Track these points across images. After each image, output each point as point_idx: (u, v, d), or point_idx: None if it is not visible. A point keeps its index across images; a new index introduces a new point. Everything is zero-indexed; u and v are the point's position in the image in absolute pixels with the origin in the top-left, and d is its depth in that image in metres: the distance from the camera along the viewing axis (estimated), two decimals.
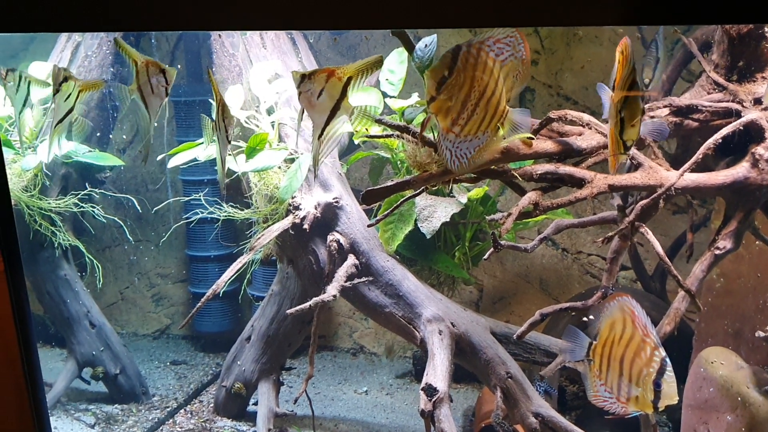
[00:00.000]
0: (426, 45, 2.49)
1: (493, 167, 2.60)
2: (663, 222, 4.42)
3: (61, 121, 2.75)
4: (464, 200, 3.68)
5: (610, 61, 4.26)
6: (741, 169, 2.57)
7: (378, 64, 2.29)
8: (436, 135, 2.43)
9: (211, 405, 4.45)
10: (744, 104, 2.67)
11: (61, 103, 2.70)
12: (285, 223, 3.58)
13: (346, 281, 3.44)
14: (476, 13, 1.75)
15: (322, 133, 2.32)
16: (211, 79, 2.75)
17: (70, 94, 2.70)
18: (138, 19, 1.94)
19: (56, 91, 2.67)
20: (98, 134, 4.35)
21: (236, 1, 1.82)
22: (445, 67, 2.04)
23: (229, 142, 2.67)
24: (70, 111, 2.74)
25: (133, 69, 2.46)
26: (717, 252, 2.71)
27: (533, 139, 2.48)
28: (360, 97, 3.89)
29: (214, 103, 2.63)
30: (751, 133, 2.65)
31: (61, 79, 2.66)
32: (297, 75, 2.27)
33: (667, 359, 2.03)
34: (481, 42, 1.99)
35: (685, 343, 3.52)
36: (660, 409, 2.06)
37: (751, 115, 2.60)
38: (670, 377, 2.03)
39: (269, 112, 3.75)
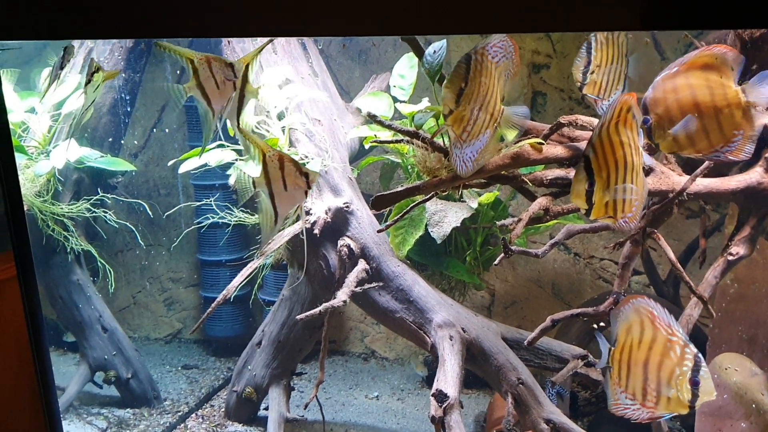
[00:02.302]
0: (435, 51, 2.48)
1: (503, 173, 2.59)
2: (676, 226, 4.39)
3: (87, 108, 2.85)
4: (475, 205, 3.67)
5: None
6: (754, 174, 2.55)
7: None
8: (447, 143, 2.44)
9: (223, 410, 4.45)
10: (756, 108, 2.64)
11: (90, 92, 2.77)
12: (296, 228, 3.58)
13: (356, 286, 3.44)
14: (487, 19, 1.74)
15: (239, 122, 2.42)
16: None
17: (99, 85, 2.77)
18: (149, 26, 1.95)
19: (88, 82, 2.74)
20: (110, 139, 4.38)
21: (247, 9, 1.82)
22: (462, 79, 2.05)
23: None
24: (93, 101, 2.84)
25: (188, 67, 2.40)
26: (730, 258, 2.68)
27: (543, 144, 2.47)
28: (370, 101, 3.90)
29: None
30: (765, 138, 2.62)
31: (93, 69, 2.74)
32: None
33: (700, 354, 1.96)
34: (483, 47, 2.00)
35: (699, 350, 3.49)
36: (696, 408, 1.98)
37: (764, 119, 2.57)
38: (705, 373, 1.95)
39: (280, 117, 3.76)
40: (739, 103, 2.05)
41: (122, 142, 4.55)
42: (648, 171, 2.54)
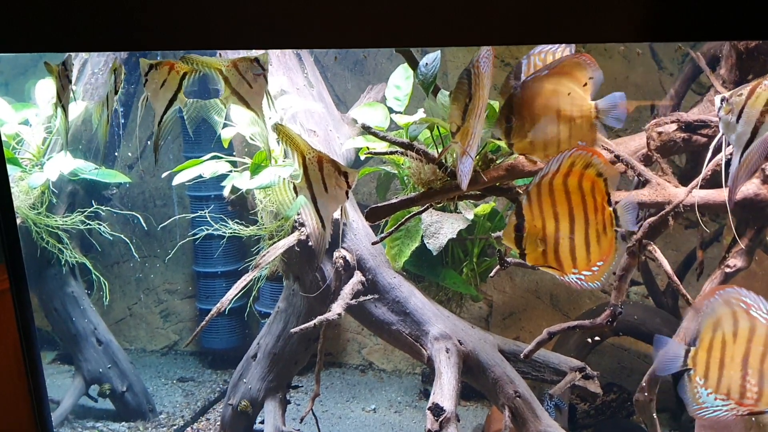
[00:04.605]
0: (428, 63, 2.47)
1: (498, 184, 2.58)
2: (675, 237, 4.36)
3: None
4: (471, 216, 3.65)
5: (619, 74, 4.23)
6: (751, 186, 2.52)
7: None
8: (453, 160, 2.43)
9: (218, 423, 4.42)
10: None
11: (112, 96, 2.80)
12: (291, 239, 3.56)
13: (352, 298, 3.41)
14: (484, 31, 1.73)
15: (161, 121, 2.42)
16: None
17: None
18: (142, 39, 1.94)
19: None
20: (104, 151, 4.36)
21: (241, 21, 1.81)
22: (466, 95, 2.04)
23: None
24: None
25: (218, 77, 2.38)
26: (727, 270, 2.65)
27: None
28: (366, 112, 3.88)
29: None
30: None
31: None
32: (145, 63, 2.38)
33: None
34: (478, 60, 1.99)
35: None
36: None
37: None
38: None
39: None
40: (590, 116, 2.05)
41: (117, 153, 4.53)
42: (644, 183, 2.52)
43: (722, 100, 1.96)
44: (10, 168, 3.70)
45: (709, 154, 2.42)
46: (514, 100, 2.07)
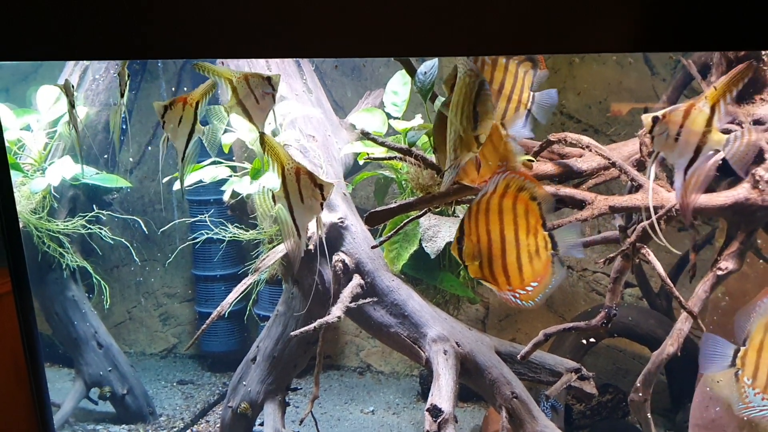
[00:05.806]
0: (426, 71, 2.51)
1: None
2: (668, 239, 4.40)
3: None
4: None
5: (613, 80, 4.27)
6: (742, 190, 2.58)
7: (212, 86, 2.46)
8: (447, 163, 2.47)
9: (218, 425, 4.45)
10: (743, 125, 2.68)
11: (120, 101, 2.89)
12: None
13: (351, 302, 3.45)
14: (481, 41, 1.77)
15: (184, 156, 2.46)
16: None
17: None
18: (145, 47, 1.97)
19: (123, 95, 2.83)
20: (105, 156, 4.40)
21: (242, 30, 1.84)
22: None
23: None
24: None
25: (227, 86, 2.43)
26: (719, 272, 2.71)
27: (533, 161, 2.50)
28: (364, 117, 3.93)
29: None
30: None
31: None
32: (159, 106, 2.42)
33: None
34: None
35: (691, 363, 3.50)
36: None
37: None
38: None
39: (274, 133, 3.78)
40: (500, 136, 2.11)
41: (117, 158, 4.57)
42: (637, 187, 2.57)
43: (654, 119, 2.02)
44: (12, 173, 3.75)
45: (650, 172, 2.46)
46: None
